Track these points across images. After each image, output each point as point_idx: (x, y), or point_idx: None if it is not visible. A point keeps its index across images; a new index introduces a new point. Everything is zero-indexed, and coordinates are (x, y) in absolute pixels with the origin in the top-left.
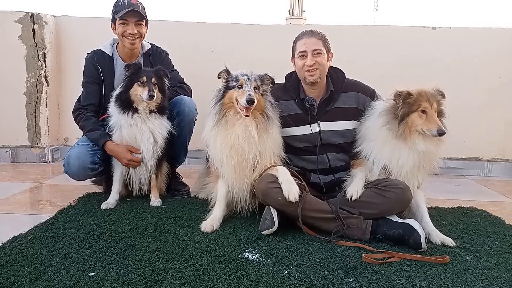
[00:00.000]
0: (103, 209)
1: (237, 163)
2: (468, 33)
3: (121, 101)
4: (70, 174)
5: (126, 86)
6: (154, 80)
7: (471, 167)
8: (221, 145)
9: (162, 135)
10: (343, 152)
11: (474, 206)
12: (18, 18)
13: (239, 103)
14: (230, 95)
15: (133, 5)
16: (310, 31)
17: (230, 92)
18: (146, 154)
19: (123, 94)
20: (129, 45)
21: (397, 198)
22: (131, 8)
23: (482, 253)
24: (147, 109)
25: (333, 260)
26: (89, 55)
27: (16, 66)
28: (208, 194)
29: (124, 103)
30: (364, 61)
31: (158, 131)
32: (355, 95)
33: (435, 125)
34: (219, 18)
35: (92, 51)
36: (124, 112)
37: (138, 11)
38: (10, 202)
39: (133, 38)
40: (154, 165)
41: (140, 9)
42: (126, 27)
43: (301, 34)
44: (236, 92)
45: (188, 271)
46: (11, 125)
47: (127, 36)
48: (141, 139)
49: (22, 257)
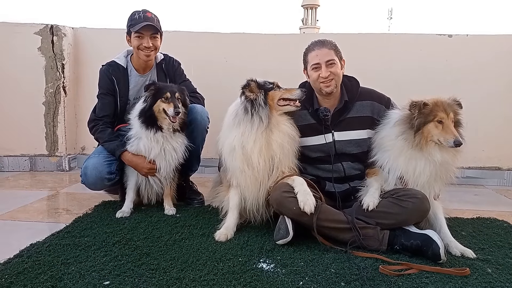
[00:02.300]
0: (119, 218)
1: (257, 170)
2: (486, 40)
3: (145, 117)
4: (88, 184)
5: (149, 103)
6: (178, 95)
7: (490, 177)
8: (258, 149)
9: (182, 151)
10: (358, 161)
11: (495, 216)
12: (38, 30)
13: (285, 101)
14: (272, 95)
15: (148, 19)
16: (320, 41)
17: (271, 93)
18: (166, 169)
19: (147, 111)
20: (144, 57)
21: (415, 208)
22: (147, 23)
23: (504, 265)
24: (171, 128)
25: (349, 271)
26: (103, 67)
27: (36, 76)
28: (220, 203)
29: (148, 120)
30: (379, 69)
31: (179, 149)
32: (370, 103)
33: (452, 135)
34: (233, 28)
35: (107, 63)
36: (147, 129)
37: (153, 24)
38: (28, 210)
39: (148, 51)
40: (170, 176)
41: (155, 22)
42: (141, 40)
43: (311, 45)
44: (279, 92)
45: (203, 281)
46: (30, 134)
47: (143, 49)
48: (163, 156)
49: (38, 265)
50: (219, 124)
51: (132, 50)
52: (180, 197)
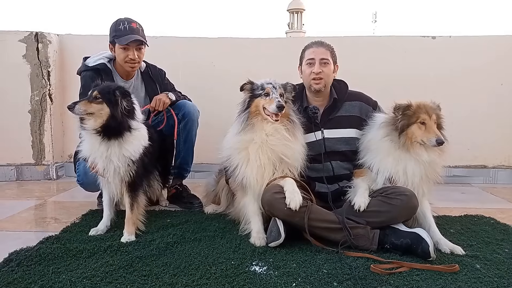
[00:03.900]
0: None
1: (262, 164)
2: (468, 41)
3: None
4: (85, 185)
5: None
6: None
7: (476, 175)
8: (250, 143)
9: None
10: (347, 160)
11: (482, 213)
12: (22, 37)
13: (267, 110)
14: (257, 103)
15: (134, 31)
16: (320, 42)
17: (257, 101)
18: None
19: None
20: (129, 69)
21: (403, 205)
22: (134, 38)
23: (492, 261)
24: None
25: (341, 271)
26: (88, 73)
27: (21, 84)
28: (235, 213)
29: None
30: (364, 71)
31: (116, 155)
32: (359, 104)
33: (433, 135)
34: (221, 33)
35: (90, 68)
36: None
37: (139, 38)
38: (15, 219)
39: (134, 62)
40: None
41: (141, 33)
42: (127, 52)
43: (310, 43)
44: (263, 100)
45: (196, 285)
46: (16, 143)
47: (129, 61)
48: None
49: (29, 274)
50: (206, 128)
51: (109, 54)
52: (175, 200)
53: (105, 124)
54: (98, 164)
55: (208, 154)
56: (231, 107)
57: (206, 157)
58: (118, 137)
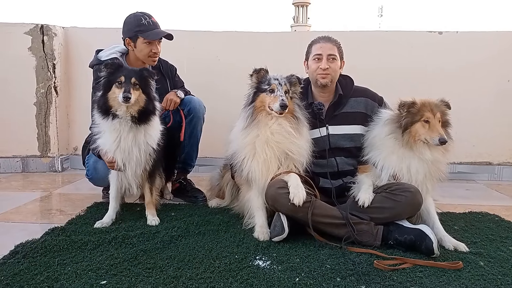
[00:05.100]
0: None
1: (267, 158)
2: (475, 37)
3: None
4: (96, 179)
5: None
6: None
7: (481, 172)
8: (255, 138)
9: (146, 144)
10: (351, 156)
11: (486, 210)
12: (28, 30)
13: (271, 107)
14: (262, 99)
15: (157, 25)
16: (327, 37)
17: (262, 96)
18: (129, 164)
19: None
20: (152, 62)
21: (408, 201)
22: (165, 33)
23: (496, 258)
24: (128, 115)
25: (344, 267)
26: (101, 67)
27: (26, 77)
28: (240, 207)
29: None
30: (370, 66)
31: (142, 142)
32: (364, 100)
33: (436, 134)
34: (226, 27)
35: (104, 62)
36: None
37: (167, 32)
38: (21, 211)
39: (156, 56)
40: (143, 177)
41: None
42: (151, 47)
43: (318, 38)
44: (268, 97)
45: (200, 279)
46: (22, 136)
47: (152, 55)
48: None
49: (34, 266)
50: (211, 122)
51: (122, 48)
52: (179, 194)
53: (141, 109)
54: (117, 157)
55: (212, 148)
56: (236, 101)
57: (211, 151)
58: (147, 121)
